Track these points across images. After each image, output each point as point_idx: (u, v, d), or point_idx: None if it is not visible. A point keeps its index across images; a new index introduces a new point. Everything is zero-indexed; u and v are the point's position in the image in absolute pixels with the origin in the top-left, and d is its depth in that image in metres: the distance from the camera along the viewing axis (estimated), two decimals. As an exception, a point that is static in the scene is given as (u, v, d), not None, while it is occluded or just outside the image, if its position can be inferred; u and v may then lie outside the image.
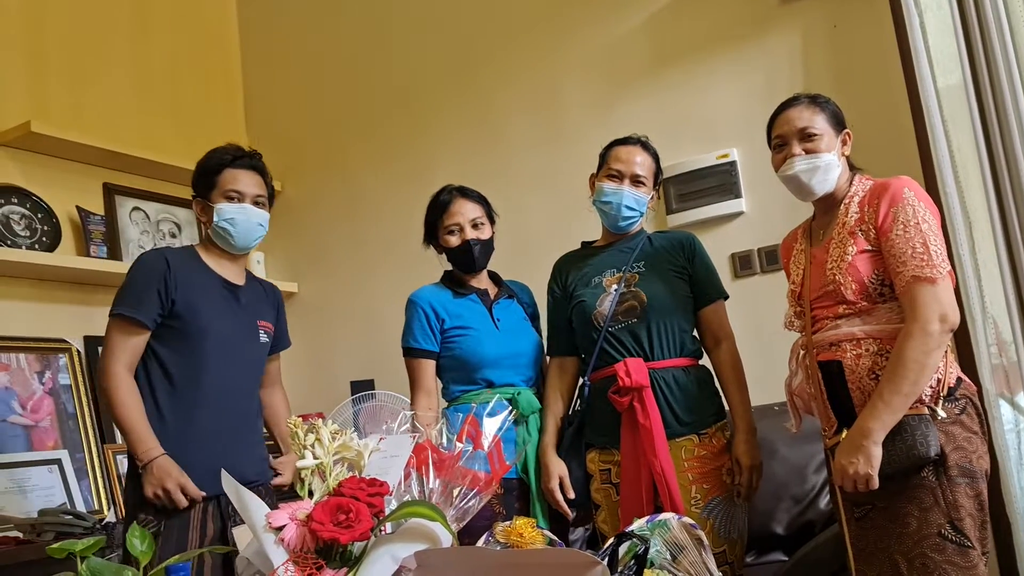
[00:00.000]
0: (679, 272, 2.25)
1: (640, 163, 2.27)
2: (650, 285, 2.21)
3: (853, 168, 1.99)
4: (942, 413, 1.76)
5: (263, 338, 2.31)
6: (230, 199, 2.22)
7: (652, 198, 2.32)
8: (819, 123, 1.93)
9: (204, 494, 2.09)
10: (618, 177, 2.26)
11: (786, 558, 2.56)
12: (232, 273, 2.29)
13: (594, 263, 2.33)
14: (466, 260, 2.39)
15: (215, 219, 2.21)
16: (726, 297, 2.30)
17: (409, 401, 2.41)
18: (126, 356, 2.12)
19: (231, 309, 2.24)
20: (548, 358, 2.41)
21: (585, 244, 2.44)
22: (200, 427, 2.14)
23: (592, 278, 2.29)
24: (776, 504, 2.59)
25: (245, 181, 2.24)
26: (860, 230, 1.86)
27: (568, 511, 2.20)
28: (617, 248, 2.32)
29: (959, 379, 1.83)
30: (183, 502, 2.06)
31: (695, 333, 2.28)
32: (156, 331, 2.15)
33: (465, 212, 2.39)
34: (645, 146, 2.32)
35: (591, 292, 2.27)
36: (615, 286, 2.23)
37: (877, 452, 1.72)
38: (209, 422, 2.15)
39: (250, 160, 2.29)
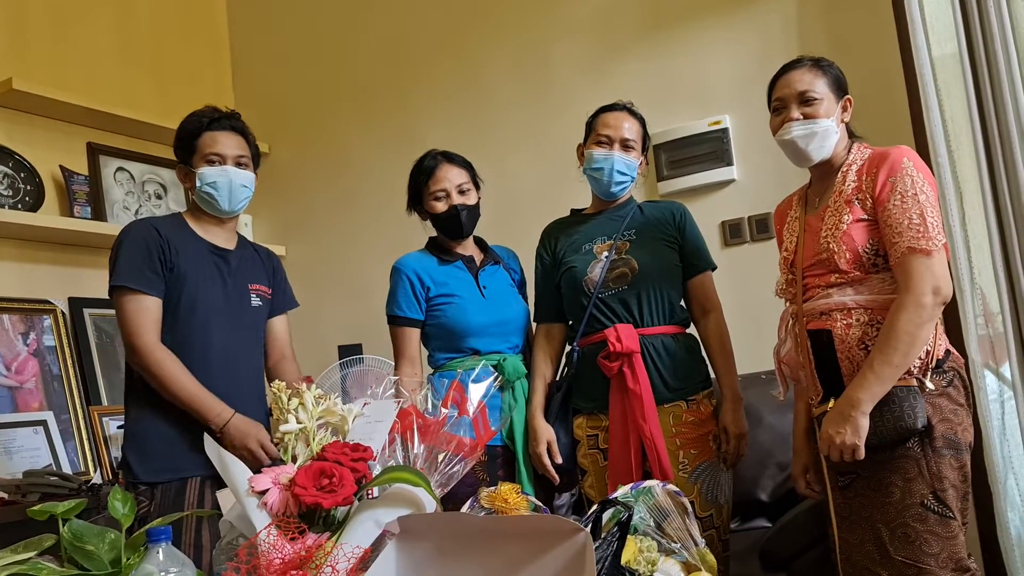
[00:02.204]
0: (669, 242, 2.25)
1: (628, 128, 2.26)
2: (641, 253, 2.20)
3: (852, 136, 1.97)
4: (930, 385, 1.76)
5: (255, 302, 2.28)
6: (211, 163, 2.18)
7: (641, 164, 2.31)
8: (820, 87, 1.90)
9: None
10: (607, 143, 2.25)
11: (770, 524, 2.58)
12: (221, 238, 2.26)
13: (584, 230, 2.32)
14: (453, 226, 2.37)
15: (197, 184, 2.18)
16: (714, 268, 2.30)
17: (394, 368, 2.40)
18: (152, 327, 2.09)
19: (220, 274, 2.21)
20: (535, 324, 2.40)
21: (575, 211, 2.42)
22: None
23: (582, 245, 2.28)
24: (761, 471, 2.61)
25: (225, 143, 2.21)
26: (857, 199, 1.84)
27: (555, 476, 2.21)
28: (607, 216, 2.31)
29: (947, 351, 1.83)
30: (265, 459, 2.05)
31: (683, 302, 2.27)
32: None
33: (451, 177, 2.36)
34: (632, 112, 2.30)
35: (581, 258, 2.26)
36: (606, 253, 2.23)
37: (864, 423, 1.72)
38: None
39: (229, 121, 2.25)
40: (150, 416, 2.11)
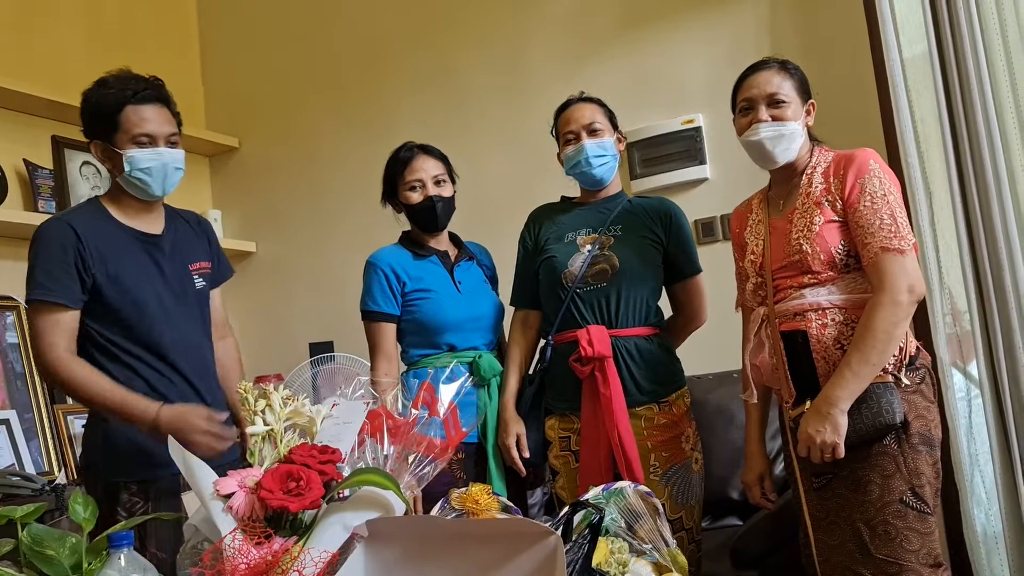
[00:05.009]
0: (654, 241, 2.23)
1: (588, 114, 2.24)
2: (624, 251, 2.18)
3: (813, 139, 1.98)
4: (905, 381, 1.78)
5: (199, 283, 2.11)
6: (141, 144, 1.95)
7: (617, 140, 2.29)
8: (787, 90, 1.91)
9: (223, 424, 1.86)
10: (574, 137, 2.24)
11: (741, 523, 2.60)
12: (148, 223, 2.05)
13: (569, 219, 2.29)
14: (428, 217, 2.34)
15: (127, 169, 1.95)
16: (700, 271, 2.30)
17: (369, 364, 2.37)
18: (64, 341, 1.90)
19: (157, 266, 2.02)
20: (513, 308, 2.37)
21: (564, 199, 2.40)
22: (159, 403, 1.95)
23: (566, 234, 2.26)
24: (732, 470, 2.61)
25: (155, 119, 1.96)
26: (826, 200, 1.85)
27: (521, 468, 2.20)
28: (595, 207, 2.29)
29: (918, 348, 1.85)
30: (218, 446, 1.84)
31: (661, 302, 2.27)
32: (86, 309, 1.95)
33: (427, 168, 2.34)
34: (586, 99, 2.29)
35: (563, 249, 2.23)
36: (588, 247, 2.21)
37: (843, 421, 1.73)
38: (168, 395, 1.97)
39: (154, 91, 1.99)
40: None
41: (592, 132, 2.23)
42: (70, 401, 3.08)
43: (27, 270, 1.95)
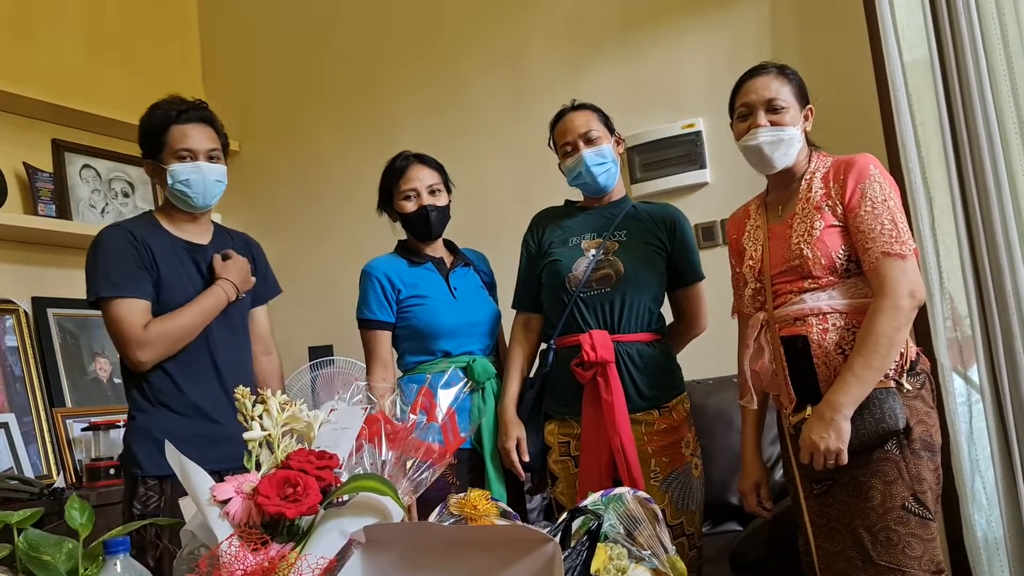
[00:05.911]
0: (659, 248, 2.22)
1: (583, 123, 2.23)
2: (628, 256, 2.17)
3: (811, 145, 1.97)
4: (907, 386, 1.77)
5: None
6: (182, 159, 2.10)
7: (616, 143, 2.28)
8: (786, 95, 1.91)
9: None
10: (571, 148, 2.23)
11: (740, 528, 2.59)
12: (196, 233, 2.19)
13: (574, 223, 2.28)
14: (422, 227, 2.34)
15: (170, 182, 2.10)
16: (702, 278, 2.29)
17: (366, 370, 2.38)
18: (143, 319, 2.01)
19: (200, 273, 2.14)
20: (515, 312, 2.37)
21: (568, 203, 2.39)
22: (200, 406, 2.05)
23: (571, 238, 2.25)
24: (732, 475, 2.59)
25: (195, 137, 2.12)
26: (826, 205, 1.85)
27: (521, 472, 2.19)
28: (600, 212, 2.28)
29: (918, 353, 1.84)
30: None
31: (663, 308, 2.26)
32: None
33: (422, 178, 2.34)
34: (578, 107, 2.28)
35: (568, 253, 2.23)
36: (593, 251, 2.20)
37: (847, 427, 1.72)
38: (207, 398, 2.06)
39: (197, 112, 2.15)
40: (156, 409, 2.04)
41: (589, 141, 2.22)
42: (69, 404, 3.08)
43: (90, 272, 2.05)
